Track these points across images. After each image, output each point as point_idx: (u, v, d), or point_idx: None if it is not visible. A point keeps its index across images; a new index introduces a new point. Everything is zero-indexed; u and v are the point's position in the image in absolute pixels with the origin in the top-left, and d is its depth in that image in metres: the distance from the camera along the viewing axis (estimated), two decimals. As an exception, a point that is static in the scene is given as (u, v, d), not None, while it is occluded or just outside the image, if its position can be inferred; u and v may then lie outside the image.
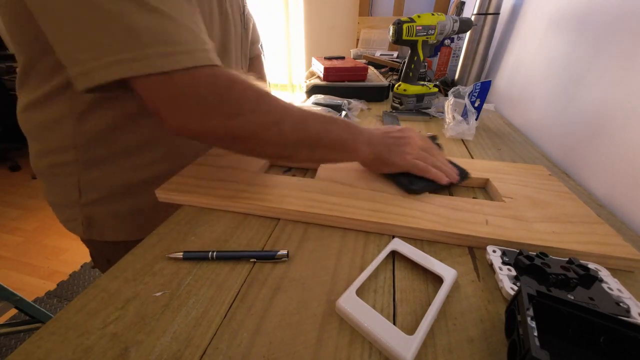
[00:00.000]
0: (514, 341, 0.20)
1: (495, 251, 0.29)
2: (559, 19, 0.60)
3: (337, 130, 0.37)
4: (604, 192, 0.42)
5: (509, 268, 0.27)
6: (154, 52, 0.27)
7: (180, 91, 0.29)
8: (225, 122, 0.31)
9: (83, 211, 0.45)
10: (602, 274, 0.26)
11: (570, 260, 0.27)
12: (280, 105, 0.34)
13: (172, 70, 0.28)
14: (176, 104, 0.30)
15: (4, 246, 1.54)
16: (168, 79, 0.28)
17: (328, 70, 0.87)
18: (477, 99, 0.60)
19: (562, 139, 0.53)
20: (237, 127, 0.32)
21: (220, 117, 0.31)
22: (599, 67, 0.47)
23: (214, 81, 0.30)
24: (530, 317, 0.19)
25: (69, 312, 0.24)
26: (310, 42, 2.03)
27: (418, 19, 0.65)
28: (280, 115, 0.33)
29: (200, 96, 0.30)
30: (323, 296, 0.26)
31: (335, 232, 0.33)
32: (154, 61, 0.27)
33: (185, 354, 0.21)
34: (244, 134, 0.32)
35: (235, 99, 0.31)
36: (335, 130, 0.36)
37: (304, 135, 0.34)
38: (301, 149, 0.35)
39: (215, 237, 0.32)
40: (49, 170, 0.44)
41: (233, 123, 0.31)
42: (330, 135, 0.36)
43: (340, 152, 0.38)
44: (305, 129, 0.35)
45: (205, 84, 0.30)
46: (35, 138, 0.43)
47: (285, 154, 0.36)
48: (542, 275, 0.26)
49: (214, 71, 0.31)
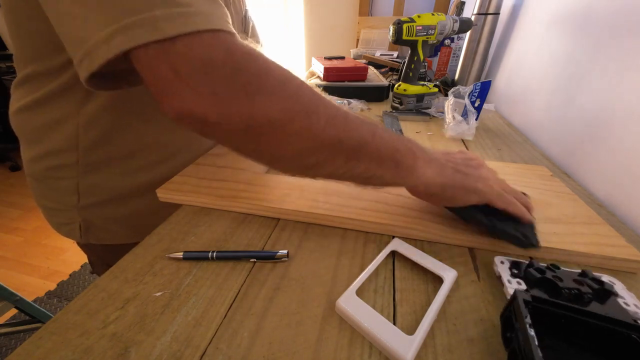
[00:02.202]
0: (514, 350, 0.19)
1: (503, 262, 0.27)
2: (559, 18, 0.60)
3: (387, 137, 0.27)
4: (604, 193, 0.42)
5: (519, 281, 0.26)
6: (161, 13, 0.22)
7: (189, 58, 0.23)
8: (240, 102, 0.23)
9: (81, 215, 0.44)
10: (616, 288, 0.25)
11: (583, 272, 0.26)
12: (314, 92, 0.26)
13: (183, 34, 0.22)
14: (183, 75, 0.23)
15: (4, 246, 1.54)
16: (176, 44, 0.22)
17: (328, 70, 0.87)
18: (477, 99, 0.60)
19: (562, 139, 0.53)
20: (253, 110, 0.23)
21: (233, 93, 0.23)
22: (599, 67, 0.47)
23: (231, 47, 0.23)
24: (529, 325, 0.19)
25: (69, 312, 0.24)
26: (310, 42, 2.03)
27: (418, 19, 0.65)
28: (314, 104, 0.25)
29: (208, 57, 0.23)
30: (323, 296, 0.26)
31: (335, 232, 0.33)
32: (161, 24, 0.22)
33: (185, 354, 0.21)
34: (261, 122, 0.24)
35: (255, 73, 0.24)
36: (384, 136, 0.27)
37: (342, 136, 0.25)
38: (336, 156, 0.26)
39: (215, 237, 0.32)
40: (45, 173, 0.43)
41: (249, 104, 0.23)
42: (379, 141, 0.26)
43: (390, 169, 0.27)
44: (346, 126, 0.25)
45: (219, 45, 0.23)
46: (33, 140, 0.42)
47: (311, 161, 0.26)
48: (553, 289, 0.24)
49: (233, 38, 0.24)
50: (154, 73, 0.23)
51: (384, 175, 0.28)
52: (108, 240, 0.46)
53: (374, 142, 0.26)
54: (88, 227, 0.45)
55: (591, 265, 0.29)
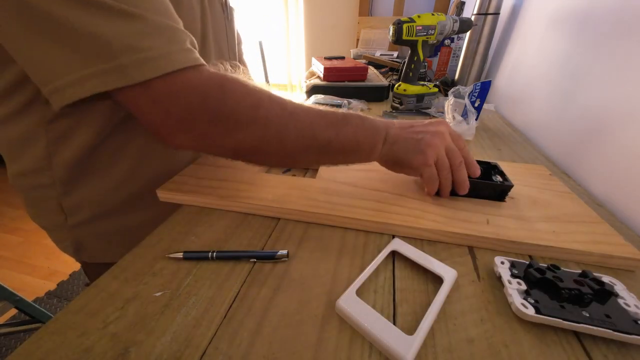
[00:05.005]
0: None
1: (503, 262, 0.28)
2: (559, 19, 0.60)
3: (350, 132, 0.33)
4: (603, 192, 0.42)
5: (519, 282, 0.26)
6: (127, 60, 0.24)
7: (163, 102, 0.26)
8: (222, 139, 0.29)
9: (71, 233, 0.42)
10: (617, 289, 0.25)
11: (584, 273, 0.26)
12: (282, 109, 0.31)
13: (150, 79, 0.25)
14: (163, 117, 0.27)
15: (4, 246, 1.54)
16: (148, 89, 0.25)
17: (328, 70, 0.87)
18: (477, 99, 0.60)
19: (562, 139, 0.53)
20: (235, 143, 0.29)
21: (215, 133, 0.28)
22: (599, 67, 0.47)
23: (203, 87, 0.27)
24: None
25: (69, 312, 0.24)
26: (310, 42, 2.03)
27: (418, 19, 0.65)
28: (283, 124, 0.30)
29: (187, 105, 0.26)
30: (323, 296, 0.26)
31: (336, 232, 0.33)
32: (130, 71, 0.24)
33: (185, 354, 0.21)
34: (244, 150, 0.30)
35: (230, 111, 0.28)
36: (347, 132, 0.33)
37: (311, 143, 0.32)
38: (308, 156, 0.33)
39: (215, 237, 0.32)
40: (29, 191, 0.40)
41: (231, 140, 0.29)
42: (342, 138, 0.32)
43: (353, 155, 0.34)
44: (312, 136, 0.31)
45: (191, 90, 0.26)
46: (9, 158, 0.39)
47: (290, 163, 0.35)
48: (554, 290, 0.25)
49: (201, 75, 0.27)
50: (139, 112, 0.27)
51: (349, 159, 0.35)
52: (100, 258, 0.44)
53: (337, 140, 0.32)
54: (79, 246, 0.43)
55: (590, 263, 0.29)
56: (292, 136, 0.31)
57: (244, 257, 0.29)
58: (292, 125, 0.31)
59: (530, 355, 0.21)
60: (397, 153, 0.34)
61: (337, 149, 0.33)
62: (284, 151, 0.32)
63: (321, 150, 0.32)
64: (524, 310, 0.23)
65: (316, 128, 0.32)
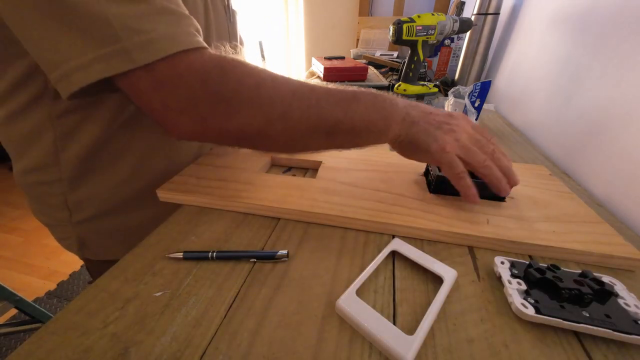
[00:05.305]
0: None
1: (503, 262, 0.28)
2: (559, 19, 0.60)
3: (361, 110, 0.31)
4: (603, 192, 0.42)
5: (519, 281, 0.26)
6: (130, 43, 0.23)
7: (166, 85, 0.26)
8: (225, 122, 0.28)
9: (75, 230, 0.42)
10: (617, 288, 0.25)
11: (584, 273, 0.26)
12: (285, 88, 0.29)
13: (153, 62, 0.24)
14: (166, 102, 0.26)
15: (4, 246, 1.54)
16: (151, 72, 0.25)
17: (328, 70, 0.87)
18: (477, 99, 0.60)
19: (562, 139, 0.53)
20: (238, 127, 0.28)
21: (217, 116, 0.27)
22: (599, 67, 0.47)
23: (204, 69, 0.26)
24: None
25: (69, 312, 0.24)
26: (310, 42, 2.03)
27: (418, 19, 0.65)
28: (287, 103, 0.28)
29: (189, 88, 0.26)
30: (323, 296, 0.26)
31: (336, 232, 0.33)
32: (133, 54, 0.24)
33: (185, 354, 0.21)
34: (247, 133, 0.29)
35: (232, 92, 0.27)
36: (358, 110, 0.30)
37: (317, 123, 0.29)
38: (316, 138, 0.30)
39: (215, 237, 0.32)
40: (34, 188, 0.41)
41: (234, 123, 0.28)
42: (352, 117, 0.30)
43: (366, 135, 0.32)
44: (318, 114, 0.29)
45: (193, 73, 0.26)
46: (16, 154, 0.39)
47: (298, 147, 0.31)
48: (554, 290, 0.25)
49: (202, 56, 0.26)
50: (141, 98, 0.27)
51: (361, 141, 0.32)
52: (103, 256, 0.45)
53: (346, 119, 0.30)
54: (83, 242, 0.43)
55: (590, 263, 0.29)
56: (296, 115, 0.29)
57: (244, 257, 0.29)
58: (297, 104, 0.29)
59: (530, 355, 0.21)
60: (416, 135, 0.32)
61: (346, 129, 0.30)
62: (290, 133, 0.29)
63: (329, 131, 0.30)
64: (524, 310, 0.23)
65: (322, 106, 0.29)
